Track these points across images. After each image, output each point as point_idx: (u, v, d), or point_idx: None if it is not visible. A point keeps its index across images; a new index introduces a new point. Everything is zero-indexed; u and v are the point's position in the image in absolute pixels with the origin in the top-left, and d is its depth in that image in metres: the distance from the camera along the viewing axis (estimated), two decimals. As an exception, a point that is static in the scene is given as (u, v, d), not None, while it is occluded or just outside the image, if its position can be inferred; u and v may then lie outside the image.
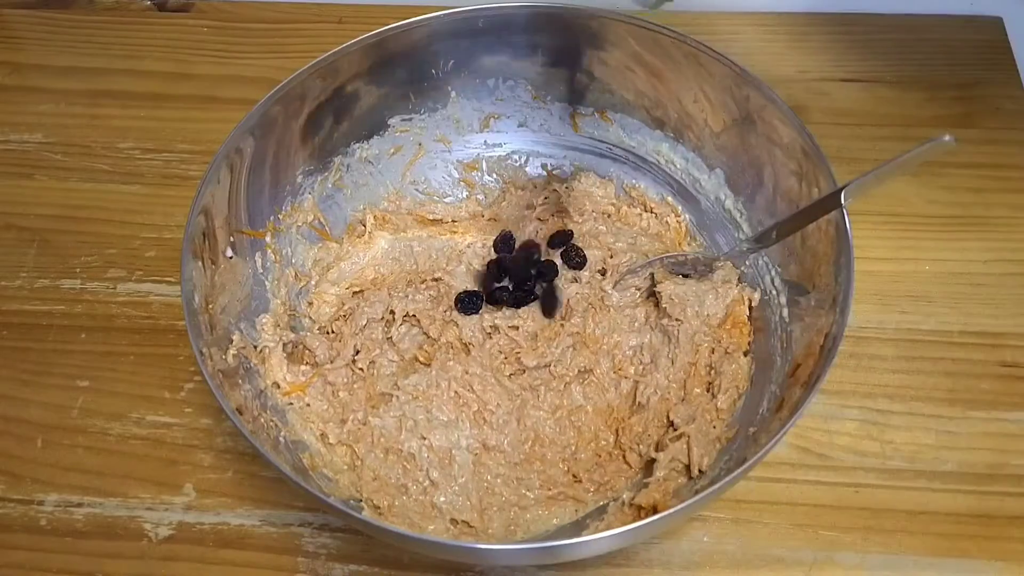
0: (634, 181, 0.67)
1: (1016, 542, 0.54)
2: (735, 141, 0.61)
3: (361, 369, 0.58)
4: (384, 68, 0.63)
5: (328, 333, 0.60)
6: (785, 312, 0.56)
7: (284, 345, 0.58)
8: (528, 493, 0.54)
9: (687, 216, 0.65)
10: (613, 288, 0.61)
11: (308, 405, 0.57)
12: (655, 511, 0.49)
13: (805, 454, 0.57)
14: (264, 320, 0.58)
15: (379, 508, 0.52)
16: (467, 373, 0.57)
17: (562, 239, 0.63)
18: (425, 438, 0.55)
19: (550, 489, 0.54)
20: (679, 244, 0.64)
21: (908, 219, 0.67)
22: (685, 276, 0.61)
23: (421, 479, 0.54)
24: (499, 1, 0.62)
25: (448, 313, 0.60)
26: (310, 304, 0.62)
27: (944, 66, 0.76)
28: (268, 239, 0.61)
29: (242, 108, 0.58)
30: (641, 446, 0.55)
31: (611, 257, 0.62)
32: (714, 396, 0.56)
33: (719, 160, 0.62)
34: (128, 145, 0.74)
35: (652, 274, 0.61)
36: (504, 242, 0.64)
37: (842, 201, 0.50)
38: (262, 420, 0.53)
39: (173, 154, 0.73)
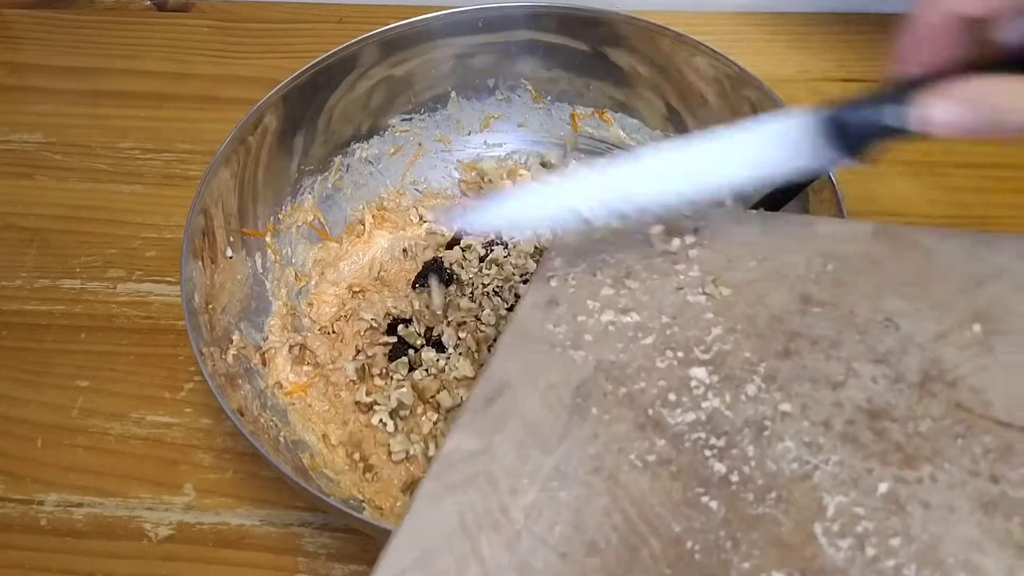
0: (634, 181, 0.67)
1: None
2: (735, 141, 0.61)
3: (363, 369, 0.58)
4: (384, 68, 0.63)
5: (329, 333, 0.60)
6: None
7: (291, 348, 0.58)
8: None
9: (687, 216, 0.65)
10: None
11: (310, 406, 0.57)
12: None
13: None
14: (273, 323, 0.59)
15: (381, 509, 0.53)
16: (469, 373, 0.57)
17: None
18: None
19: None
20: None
21: (908, 219, 0.67)
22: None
23: (422, 479, 0.54)
24: (499, 1, 0.62)
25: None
26: (310, 305, 0.62)
27: (944, 66, 0.76)
28: (268, 239, 0.61)
29: (242, 108, 0.58)
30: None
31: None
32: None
33: (719, 160, 0.62)
34: (128, 145, 0.73)
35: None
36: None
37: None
38: (262, 420, 0.53)
39: (173, 154, 0.73)
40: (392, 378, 0.57)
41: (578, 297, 0.43)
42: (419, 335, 0.59)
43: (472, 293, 0.59)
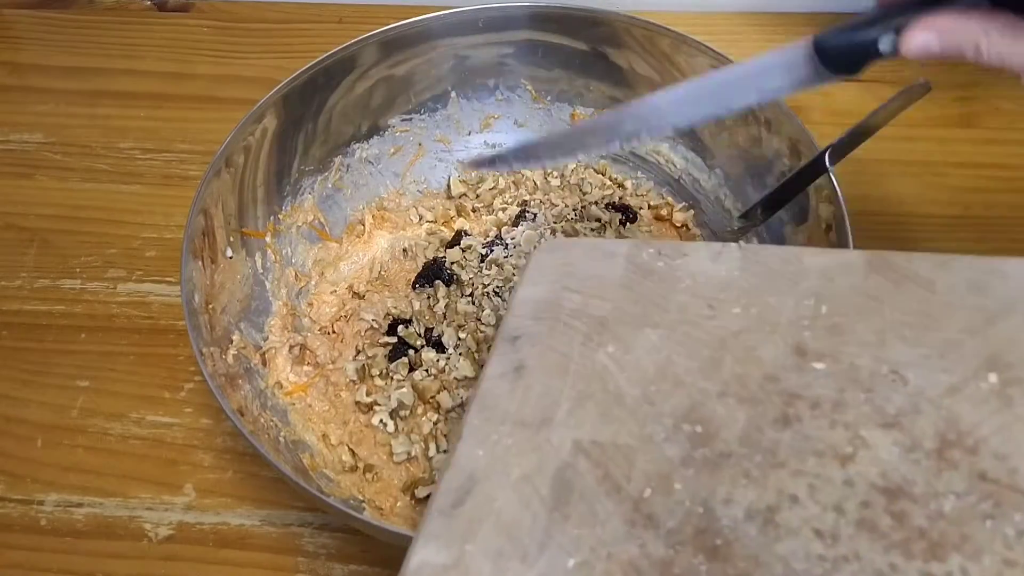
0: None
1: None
2: (735, 141, 0.61)
3: (363, 369, 0.58)
4: (384, 68, 0.63)
5: (329, 333, 0.60)
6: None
7: (291, 348, 0.58)
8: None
9: (687, 216, 0.65)
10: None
11: (310, 406, 0.57)
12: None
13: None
14: (273, 322, 0.59)
15: (381, 509, 0.53)
16: (469, 373, 0.57)
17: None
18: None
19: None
20: (679, 244, 0.65)
21: (908, 219, 0.67)
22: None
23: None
24: (499, 1, 0.63)
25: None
26: (310, 305, 0.62)
27: (944, 66, 0.76)
28: (268, 239, 0.61)
29: (242, 108, 0.58)
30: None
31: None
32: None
33: (719, 160, 0.62)
34: (128, 145, 0.73)
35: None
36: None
37: (827, 164, 0.50)
38: (262, 420, 0.53)
39: (173, 154, 0.73)
40: (392, 378, 0.57)
41: (548, 359, 0.39)
42: (419, 335, 0.59)
43: (472, 293, 0.59)
